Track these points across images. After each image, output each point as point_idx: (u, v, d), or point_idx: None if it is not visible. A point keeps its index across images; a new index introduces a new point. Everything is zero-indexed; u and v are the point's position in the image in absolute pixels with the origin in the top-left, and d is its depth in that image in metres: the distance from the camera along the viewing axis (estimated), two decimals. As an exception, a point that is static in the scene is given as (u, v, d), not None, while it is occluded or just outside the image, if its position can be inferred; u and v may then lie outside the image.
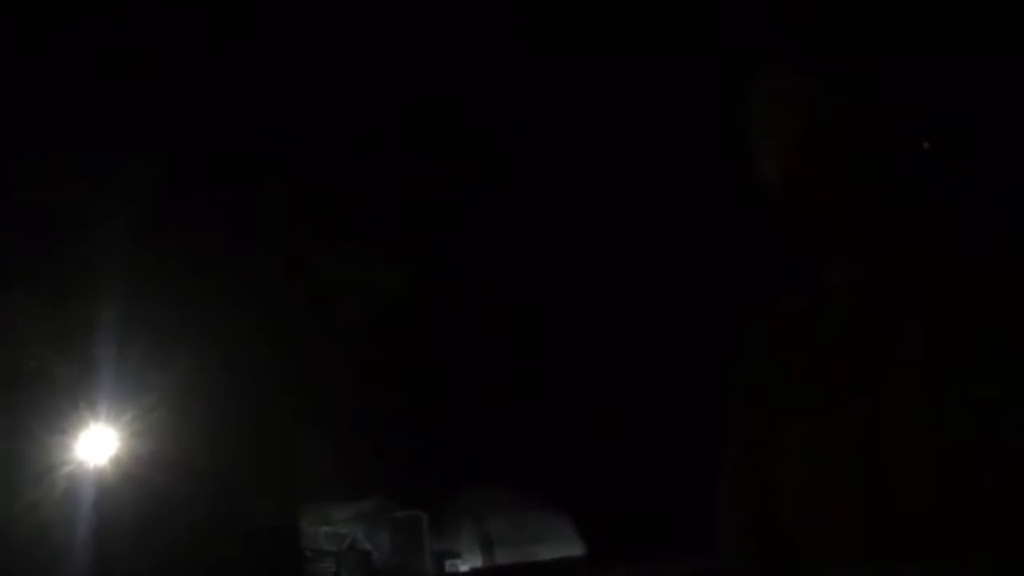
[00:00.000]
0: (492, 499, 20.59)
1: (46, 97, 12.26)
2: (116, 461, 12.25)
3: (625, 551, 17.45)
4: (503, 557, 20.15)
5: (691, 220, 16.85)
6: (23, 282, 12.20)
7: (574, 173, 16.82)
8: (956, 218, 1.52)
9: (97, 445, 12.23)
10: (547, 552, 19.72)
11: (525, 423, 19.47)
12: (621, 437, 19.68)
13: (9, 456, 11.26)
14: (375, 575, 18.26)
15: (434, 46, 14.54)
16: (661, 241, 17.64)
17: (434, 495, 19.91)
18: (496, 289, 18.29)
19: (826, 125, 1.50)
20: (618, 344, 19.47)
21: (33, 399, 11.75)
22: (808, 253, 1.56)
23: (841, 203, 1.48)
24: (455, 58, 14.69)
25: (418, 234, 16.33)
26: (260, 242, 14.45)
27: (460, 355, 18.50)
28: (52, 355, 12.12)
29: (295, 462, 16.03)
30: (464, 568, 20.26)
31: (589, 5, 14.79)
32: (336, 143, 14.68)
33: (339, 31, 14.27)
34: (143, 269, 12.64)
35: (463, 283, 17.95)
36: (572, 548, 20.43)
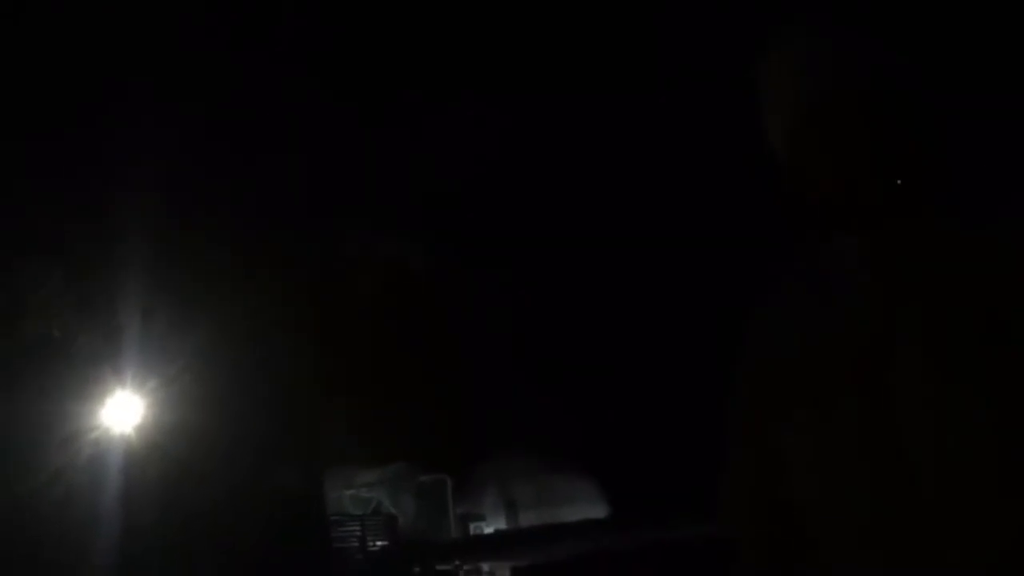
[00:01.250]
0: (516, 463, 20.72)
1: (73, 70, 12.30)
2: (141, 428, 12.37)
3: (648, 514, 17.52)
4: (527, 520, 20.30)
5: (702, 202, 16.86)
6: (48, 252, 12.29)
7: (587, 157, 16.85)
8: (960, 196, 1.51)
9: (122, 413, 12.35)
10: (571, 515, 19.83)
11: (549, 388, 19.55)
12: (645, 401, 19.73)
13: (35, 424, 11.39)
14: (400, 538, 18.42)
15: (452, 26, 14.56)
16: (677, 219, 17.66)
17: (458, 459, 20.06)
18: (519, 260, 18.35)
19: (835, 99, 1.49)
20: (638, 310, 19.48)
21: (58, 368, 11.87)
22: (812, 228, 1.56)
23: (846, 177, 1.48)
24: (471, 41, 14.70)
25: (439, 210, 16.41)
26: (286, 214, 14.52)
27: (484, 323, 18.58)
28: (77, 324, 12.22)
29: (320, 427, 16.15)
30: (488, 530, 20.42)
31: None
32: (362, 126, 14.77)
33: (360, 12, 14.31)
34: (168, 239, 12.71)
35: (486, 256, 18.02)
36: (595, 511, 20.55)
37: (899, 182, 1.47)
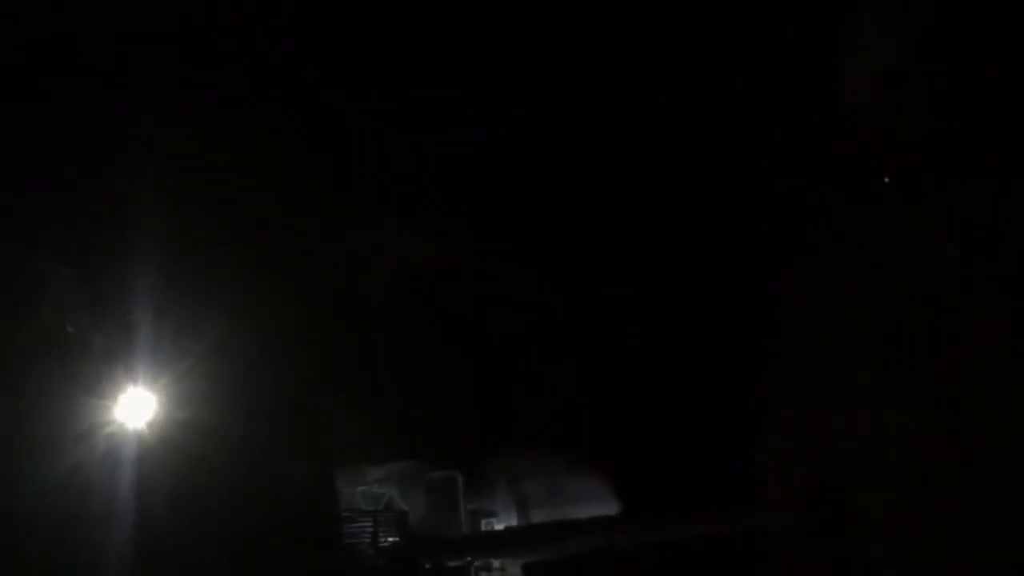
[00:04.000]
0: (528, 459, 20.70)
1: (82, 64, 12.31)
2: (154, 425, 12.42)
3: (661, 511, 17.51)
4: (538, 517, 20.27)
5: (707, 201, 16.81)
6: (60, 249, 12.33)
7: (600, 135, 16.79)
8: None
9: (135, 409, 12.40)
10: (582, 512, 19.81)
11: (561, 385, 19.53)
12: (657, 397, 19.69)
13: (49, 420, 11.43)
14: (411, 534, 18.45)
15: (458, 21, 14.53)
16: (684, 218, 17.61)
17: (469, 455, 20.05)
18: (532, 256, 18.33)
19: (915, 56, 1.44)
20: (650, 308, 19.44)
21: (71, 365, 11.91)
22: (875, 192, 1.50)
23: (922, 136, 1.42)
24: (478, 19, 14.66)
25: (450, 196, 16.39)
26: (295, 208, 14.53)
27: (496, 316, 18.58)
28: (90, 322, 12.26)
29: (332, 424, 16.17)
30: (499, 527, 20.41)
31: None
32: (367, 123, 14.76)
33: (364, 7, 14.30)
34: (179, 235, 12.73)
35: (499, 246, 18.00)
36: (608, 507, 20.52)
37: (971, 145, 1.41)
